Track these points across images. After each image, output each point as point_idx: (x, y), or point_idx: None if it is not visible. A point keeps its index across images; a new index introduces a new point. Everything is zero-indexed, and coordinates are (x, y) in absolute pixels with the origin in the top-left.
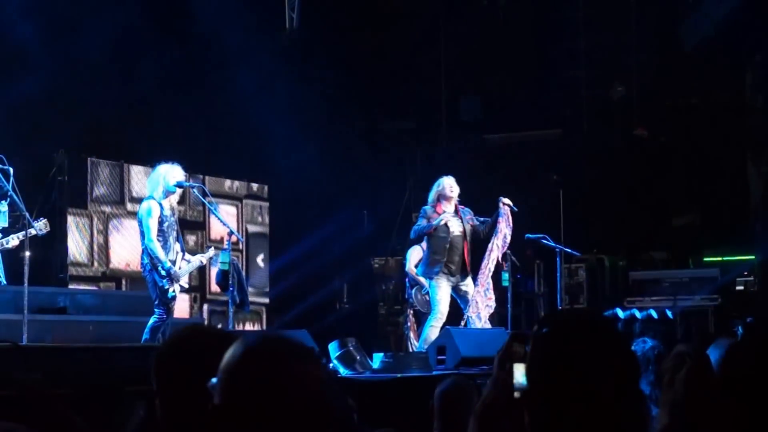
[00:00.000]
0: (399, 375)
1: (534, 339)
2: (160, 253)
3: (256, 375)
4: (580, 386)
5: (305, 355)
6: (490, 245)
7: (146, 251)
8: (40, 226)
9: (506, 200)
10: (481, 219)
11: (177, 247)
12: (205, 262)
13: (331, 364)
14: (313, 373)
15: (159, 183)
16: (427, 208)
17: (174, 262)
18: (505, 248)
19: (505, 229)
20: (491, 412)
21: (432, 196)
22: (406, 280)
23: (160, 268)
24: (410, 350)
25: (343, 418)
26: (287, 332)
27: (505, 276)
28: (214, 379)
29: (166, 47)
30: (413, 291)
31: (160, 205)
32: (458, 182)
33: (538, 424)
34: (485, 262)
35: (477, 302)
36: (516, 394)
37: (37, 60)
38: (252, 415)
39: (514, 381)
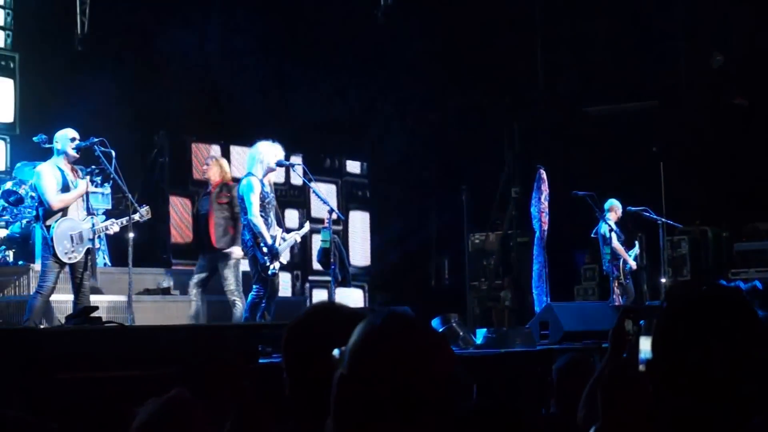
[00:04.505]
0: (503, 350)
1: (662, 312)
2: (263, 228)
3: (382, 352)
4: (707, 359)
5: (432, 335)
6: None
7: (248, 227)
8: (143, 212)
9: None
10: None
11: (275, 223)
12: (299, 239)
13: None
14: (439, 353)
15: (259, 160)
16: None
17: (274, 239)
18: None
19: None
20: (614, 385)
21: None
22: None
23: (262, 244)
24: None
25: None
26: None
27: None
28: (336, 351)
29: (265, 29)
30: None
31: (261, 182)
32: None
33: (664, 397)
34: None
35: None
36: (641, 367)
37: (139, 43)
38: (376, 388)
39: (641, 354)
